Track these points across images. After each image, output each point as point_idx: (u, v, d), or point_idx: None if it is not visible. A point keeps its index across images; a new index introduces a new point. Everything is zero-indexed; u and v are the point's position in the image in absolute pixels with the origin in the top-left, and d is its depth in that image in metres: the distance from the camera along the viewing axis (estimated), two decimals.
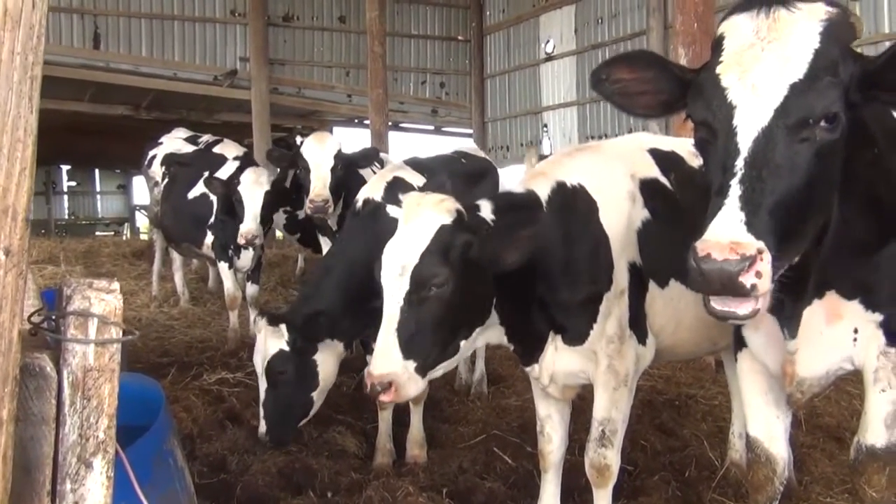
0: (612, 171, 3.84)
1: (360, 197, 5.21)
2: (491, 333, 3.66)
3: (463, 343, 3.42)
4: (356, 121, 20.03)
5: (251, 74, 18.01)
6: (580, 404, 5.16)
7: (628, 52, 3.04)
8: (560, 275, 3.58)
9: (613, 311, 3.60)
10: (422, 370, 3.24)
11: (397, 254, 3.26)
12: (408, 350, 3.16)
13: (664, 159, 4.07)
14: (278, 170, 8.91)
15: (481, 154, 7.40)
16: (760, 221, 2.24)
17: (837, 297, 2.91)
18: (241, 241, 7.60)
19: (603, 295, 3.59)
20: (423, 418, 5.27)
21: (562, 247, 3.59)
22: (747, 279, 2.17)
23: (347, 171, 7.16)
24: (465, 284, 3.26)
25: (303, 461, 4.84)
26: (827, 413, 6.20)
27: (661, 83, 2.75)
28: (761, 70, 2.38)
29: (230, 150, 9.32)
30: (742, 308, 2.29)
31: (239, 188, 7.56)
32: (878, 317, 2.92)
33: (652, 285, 3.72)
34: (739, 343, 3.31)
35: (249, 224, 7.47)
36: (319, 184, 6.90)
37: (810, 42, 2.37)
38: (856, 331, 2.97)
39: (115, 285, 2.05)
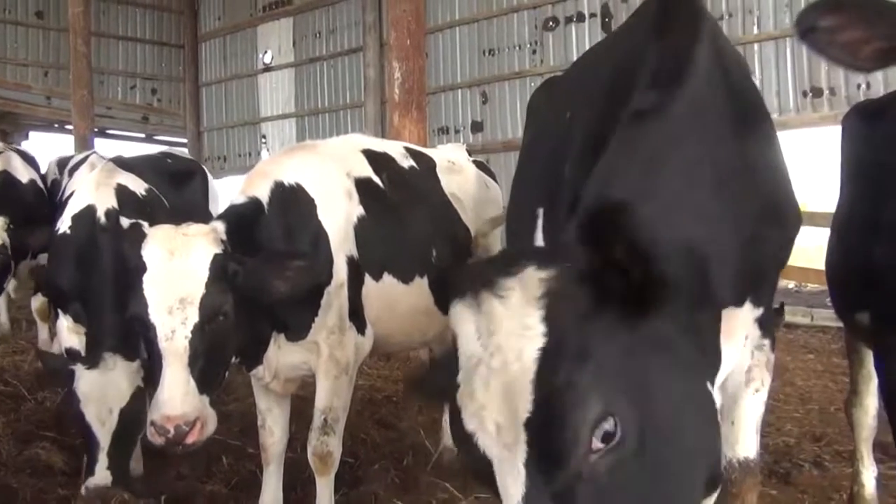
0: (329, 170, 4.01)
1: (81, 201, 4.57)
2: None
3: None
4: (56, 125, 18.49)
5: None
6: (301, 405, 5.25)
7: None
8: None
9: (334, 303, 3.74)
10: (210, 403, 3.18)
11: (171, 287, 3.13)
12: (202, 383, 3.09)
13: (376, 159, 4.32)
14: None
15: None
16: None
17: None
18: None
19: (324, 288, 3.70)
20: None
21: (283, 243, 3.68)
22: None
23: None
24: (236, 311, 3.28)
25: (1, 480, 4.44)
26: None
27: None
28: None
29: None
30: None
31: None
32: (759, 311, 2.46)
33: (367, 278, 3.91)
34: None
35: None
36: None
37: None
38: (746, 337, 2.49)
39: None
